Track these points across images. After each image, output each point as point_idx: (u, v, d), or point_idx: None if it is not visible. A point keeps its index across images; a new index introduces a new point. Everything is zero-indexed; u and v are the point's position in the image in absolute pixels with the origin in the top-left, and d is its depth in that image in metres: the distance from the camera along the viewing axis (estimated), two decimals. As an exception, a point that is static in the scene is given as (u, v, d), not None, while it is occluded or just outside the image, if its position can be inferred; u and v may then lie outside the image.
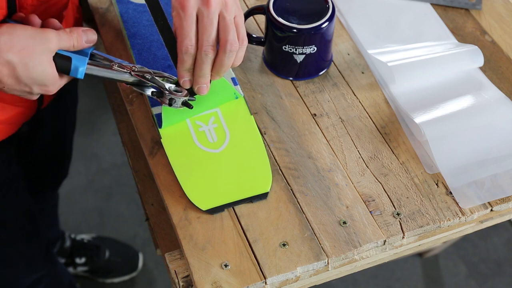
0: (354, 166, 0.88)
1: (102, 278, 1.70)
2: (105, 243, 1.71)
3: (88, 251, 1.67)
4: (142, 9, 1.00)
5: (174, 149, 0.87)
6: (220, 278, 0.78)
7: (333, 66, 0.99)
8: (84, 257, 1.66)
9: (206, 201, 0.83)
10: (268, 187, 0.85)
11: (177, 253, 0.84)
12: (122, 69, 0.81)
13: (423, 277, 1.74)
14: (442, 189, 0.86)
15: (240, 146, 0.87)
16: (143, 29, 0.97)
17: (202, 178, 0.85)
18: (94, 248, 1.68)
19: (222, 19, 0.79)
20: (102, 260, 1.68)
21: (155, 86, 0.82)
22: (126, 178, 1.89)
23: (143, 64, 0.94)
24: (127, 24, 0.98)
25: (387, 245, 0.83)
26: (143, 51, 0.95)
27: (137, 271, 1.72)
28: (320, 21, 0.92)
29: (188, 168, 0.85)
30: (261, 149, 0.87)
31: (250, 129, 0.89)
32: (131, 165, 1.03)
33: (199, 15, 0.79)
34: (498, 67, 1.00)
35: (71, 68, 0.79)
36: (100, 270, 1.69)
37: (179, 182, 0.84)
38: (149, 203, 0.98)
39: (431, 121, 0.90)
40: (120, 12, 0.99)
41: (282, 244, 0.80)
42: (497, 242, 1.80)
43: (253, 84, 0.96)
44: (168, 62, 0.94)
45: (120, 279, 1.71)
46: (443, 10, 1.07)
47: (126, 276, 1.71)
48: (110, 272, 1.69)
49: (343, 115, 0.93)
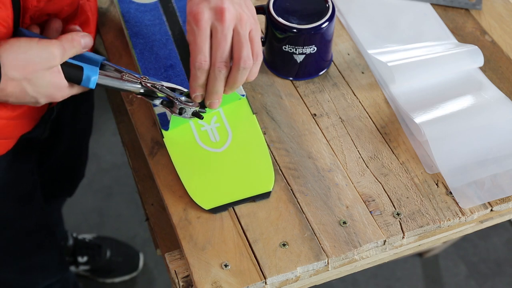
0: (354, 166, 0.88)
1: (103, 278, 1.70)
2: (106, 242, 1.71)
3: (90, 250, 1.67)
4: (143, 8, 1.00)
5: (176, 149, 0.87)
6: (220, 278, 0.78)
7: (333, 66, 0.99)
8: (86, 256, 1.66)
9: (208, 200, 0.83)
10: (271, 186, 0.85)
11: (177, 253, 0.84)
12: (132, 79, 0.81)
13: (423, 277, 1.74)
14: (442, 189, 0.86)
15: (242, 145, 0.88)
16: (144, 29, 0.97)
17: (204, 178, 0.85)
18: (95, 247, 1.68)
19: (237, 34, 0.78)
20: (103, 259, 1.68)
21: (165, 96, 0.82)
22: (126, 178, 1.89)
23: (145, 64, 0.94)
24: (129, 23, 0.98)
25: (387, 245, 0.83)
26: (145, 50, 0.95)
27: (137, 271, 1.72)
28: (320, 21, 0.92)
29: (190, 168, 0.85)
30: (263, 148, 0.88)
31: (252, 128, 0.89)
32: (131, 165, 1.03)
33: (213, 30, 0.78)
34: (498, 67, 1.00)
35: (83, 78, 0.79)
36: (101, 269, 1.69)
37: (182, 181, 0.84)
38: (149, 203, 0.98)
39: (431, 121, 0.90)
40: (122, 11, 0.99)
41: (282, 244, 0.80)
42: (497, 242, 1.80)
43: (253, 84, 0.96)
44: (170, 62, 0.94)
45: (121, 278, 1.71)
46: (443, 10, 1.07)
47: (126, 276, 1.71)
48: (111, 271, 1.69)
49: (343, 115, 0.93)
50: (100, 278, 1.70)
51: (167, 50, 0.95)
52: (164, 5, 1.00)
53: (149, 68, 0.93)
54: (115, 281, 1.70)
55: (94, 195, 1.88)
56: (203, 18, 0.78)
